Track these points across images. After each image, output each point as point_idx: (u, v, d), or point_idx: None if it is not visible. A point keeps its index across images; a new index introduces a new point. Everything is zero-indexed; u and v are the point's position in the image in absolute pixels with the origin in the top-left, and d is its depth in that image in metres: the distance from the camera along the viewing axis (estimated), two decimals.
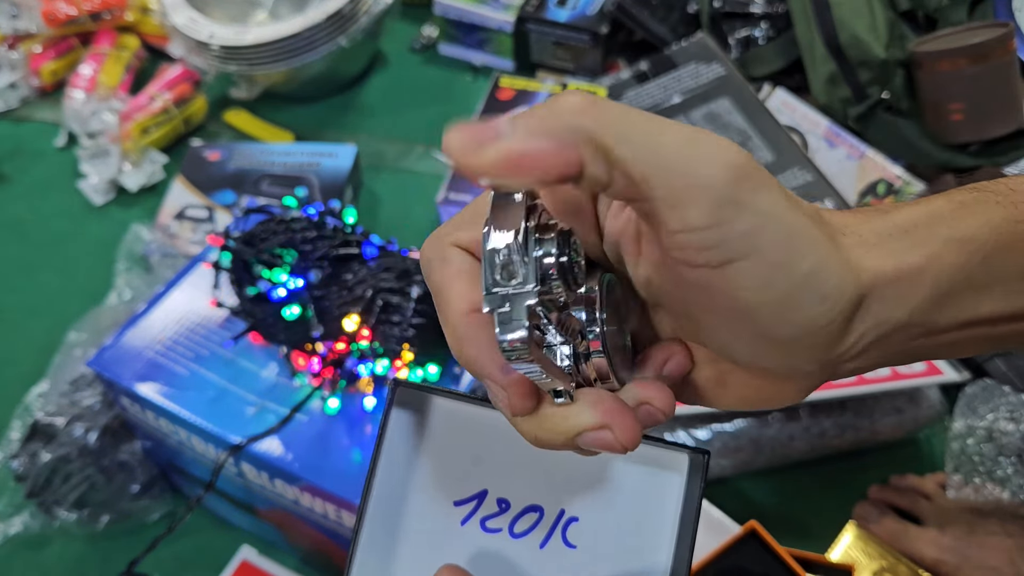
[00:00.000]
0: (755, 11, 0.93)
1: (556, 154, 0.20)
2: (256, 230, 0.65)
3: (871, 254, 0.22)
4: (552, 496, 0.29)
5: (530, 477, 0.29)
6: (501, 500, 0.29)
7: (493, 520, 0.29)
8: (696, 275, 0.21)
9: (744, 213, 0.20)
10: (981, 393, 0.68)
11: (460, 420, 0.30)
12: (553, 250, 0.23)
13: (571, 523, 0.29)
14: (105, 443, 0.67)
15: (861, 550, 0.63)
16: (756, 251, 0.20)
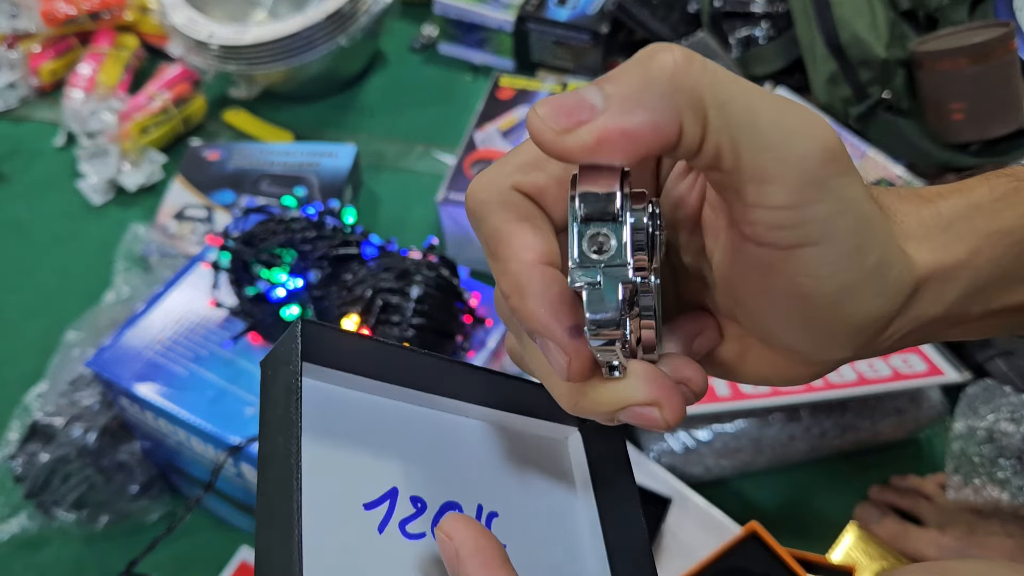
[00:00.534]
0: (756, 10, 0.93)
1: (657, 129, 0.18)
2: (255, 230, 0.64)
3: (921, 248, 0.22)
4: (466, 490, 0.26)
5: (438, 469, 0.26)
6: (415, 499, 0.25)
7: (413, 523, 0.25)
8: (761, 254, 0.20)
9: (828, 197, 0.19)
10: (982, 394, 0.67)
11: (345, 405, 0.25)
12: (647, 221, 0.21)
13: (492, 518, 0.26)
14: (104, 443, 0.67)
15: (862, 551, 0.63)
16: (831, 238, 0.20)
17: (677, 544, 0.61)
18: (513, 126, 0.86)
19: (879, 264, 0.20)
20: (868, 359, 0.66)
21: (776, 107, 0.19)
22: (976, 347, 0.69)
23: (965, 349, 0.70)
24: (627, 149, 0.19)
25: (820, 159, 0.19)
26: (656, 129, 0.18)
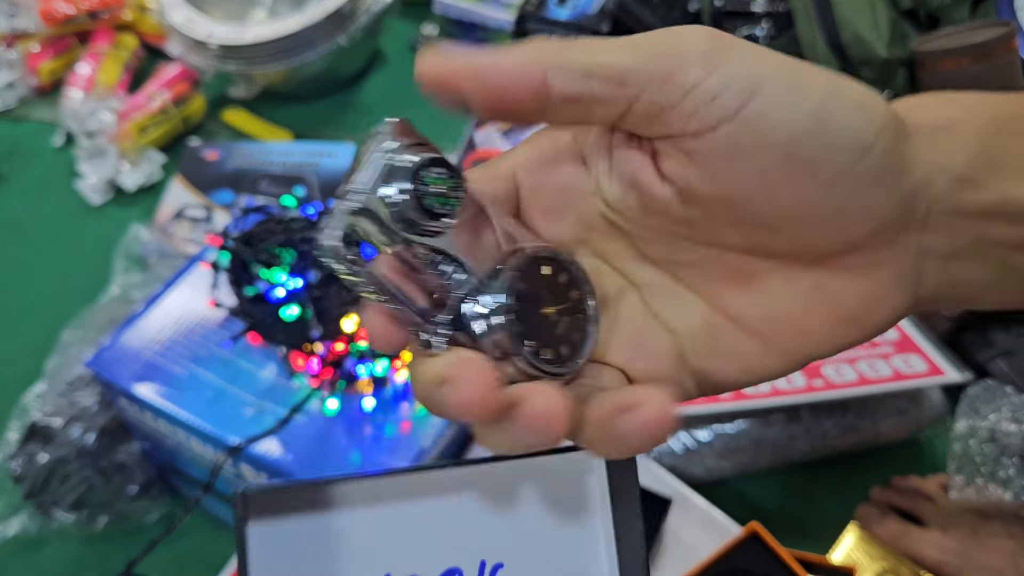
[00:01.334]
0: (756, 10, 0.92)
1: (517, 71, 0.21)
2: (255, 230, 0.64)
3: (913, 112, 0.22)
4: (466, 551, 0.26)
5: (434, 540, 0.26)
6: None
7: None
8: (722, 140, 0.21)
9: (734, 53, 0.21)
10: (983, 394, 0.67)
11: (331, 514, 0.25)
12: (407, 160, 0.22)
13: (497, 571, 0.26)
14: (103, 444, 0.66)
15: (863, 551, 0.63)
16: (764, 82, 0.21)
17: (678, 545, 0.61)
18: (513, 126, 0.86)
19: (833, 90, 0.21)
20: (869, 359, 0.66)
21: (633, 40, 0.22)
22: (977, 347, 0.69)
23: (966, 349, 0.70)
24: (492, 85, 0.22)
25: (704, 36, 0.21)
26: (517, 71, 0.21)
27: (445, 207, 0.22)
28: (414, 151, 0.23)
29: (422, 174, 0.22)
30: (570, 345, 0.23)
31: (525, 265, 0.23)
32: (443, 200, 0.22)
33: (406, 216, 0.22)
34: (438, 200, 0.22)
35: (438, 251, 0.22)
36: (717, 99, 0.21)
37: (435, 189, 0.22)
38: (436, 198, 0.22)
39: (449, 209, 0.22)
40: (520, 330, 0.22)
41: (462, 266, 0.22)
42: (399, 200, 0.22)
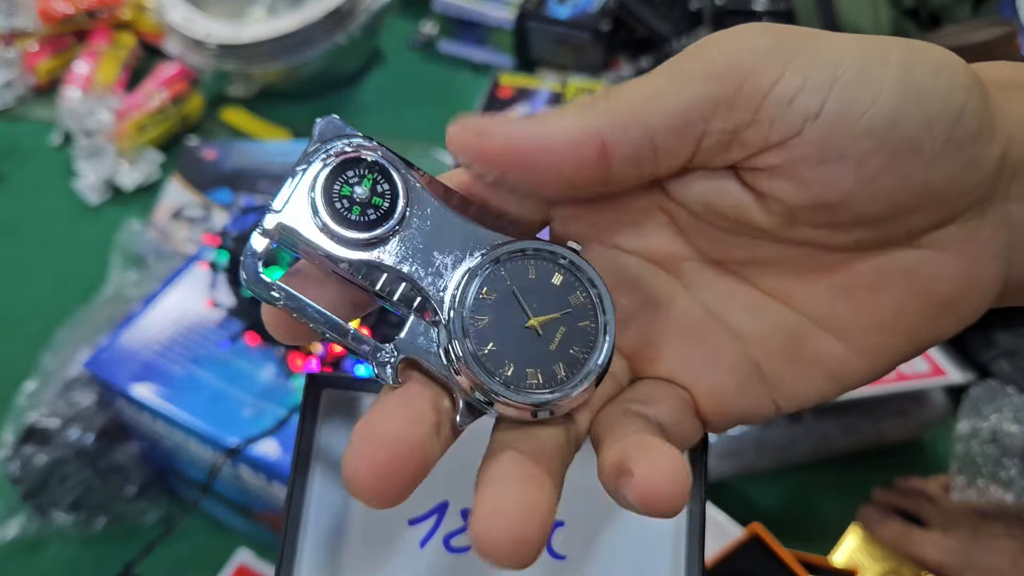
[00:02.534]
0: (757, 8, 0.92)
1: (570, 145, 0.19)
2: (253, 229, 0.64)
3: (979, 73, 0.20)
4: None
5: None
6: (467, 511, 0.24)
7: (459, 537, 0.24)
8: (810, 143, 0.19)
9: (799, 43, 0.19)
10: (985, 394, 0.67)
11: None
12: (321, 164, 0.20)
13: (555, 529, 0.25)
14: (101, 445, 0.66)
15: (865, 553, 0.62)
16: (840, 67, 0.19)
17: None
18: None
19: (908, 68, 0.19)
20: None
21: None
22: (980, 347, 0.69)
23: (969, 349, 0.69)
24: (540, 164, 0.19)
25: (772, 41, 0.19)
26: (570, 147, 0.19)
27: (365, 214, 0.19)
28: (334, 155, 0.20)
29: (337, 180, 0.20)
30: (570, 364, 0.20)
31: (505, 263, 0.20)
32: (364, 206, 0.19)
33: (328, 229, 0.19)
34: (355, 208, 0.19)
35: (376, 266, 0.20)
36: (795, 99, 0.19)
37: (357, 193, 0.20)
38: (355, 204, 0.19)
39: (372, 217, 0.19)
40: (492, 352, 0.19)
41: (413, 283, 0.20)
42: (315, 213, 0.19)
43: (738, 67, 0.19)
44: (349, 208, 0.19)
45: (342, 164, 0.20)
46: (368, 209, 0.19)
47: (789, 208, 0.20)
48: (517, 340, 0.19)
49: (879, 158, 0.19)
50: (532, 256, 0.20)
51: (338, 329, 0.20)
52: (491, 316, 0.19)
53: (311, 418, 0.25)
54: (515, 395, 0.19)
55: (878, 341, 0.21)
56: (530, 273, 0.20)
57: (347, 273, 0.20)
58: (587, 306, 0.20)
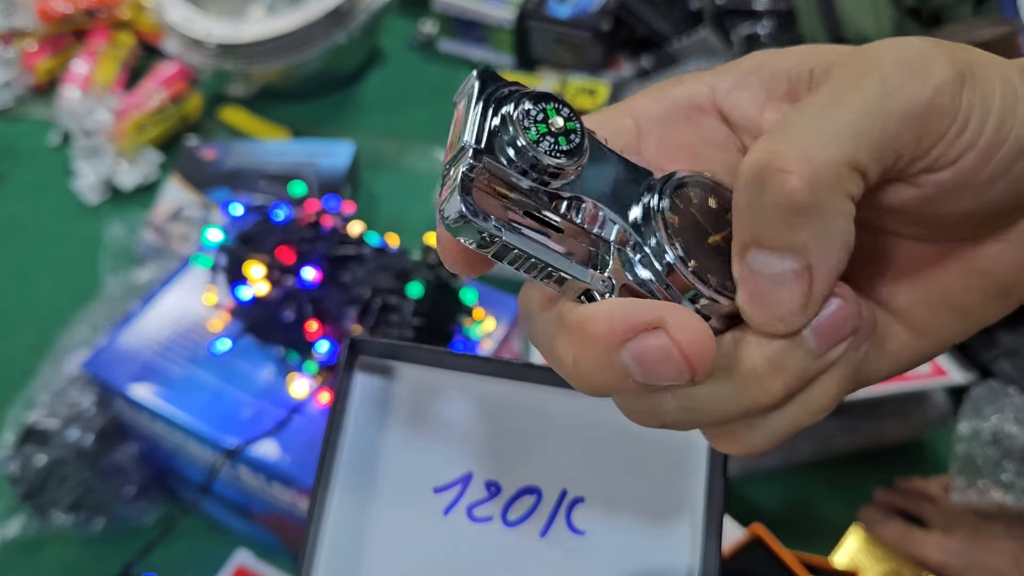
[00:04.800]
0: (758, 7, 0.92)
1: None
2: (253, 229, 0.64)
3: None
4: (551, 475, 0.25)
5: (523, 454, 0.25)
6: (490, 483, 0.25)
7: (482, 507, 0.25)
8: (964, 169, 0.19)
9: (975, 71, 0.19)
10: (987, 395, 0.67)
11: (435, 391, 0.26)
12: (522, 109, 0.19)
13: (576, 505, 0.25)
14: (100, 446, 0.66)
15: (866, 553, 0.62)
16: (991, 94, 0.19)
17: None
18: None
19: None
20: None
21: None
22: (981, 347, 0.69)
23: (970, 350, 0.69)
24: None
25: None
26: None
27: (570, 143, 0.20)
28: (513, 89, 0.20)
29: (532, 110, 0.19)
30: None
31: (676, 191, 0.20)
32: (564, 136, 0.20)
33: (529, 160, 0.19)
34: (559, 137, 0.19)
35: (576, 197, 0.20)
36: (962, 135, 0.19)
37: (553, 124, 0.20)
38: (556, 135, 0.19)
39: (574, 145, 0.20)
40: (696, 269, 0.20)
41: (607, 210, 0.20)
42: (516, 144, 0.19)
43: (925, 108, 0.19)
44: (552, 140, 0.19)
45: (533, 96, 0.20)
46: (565, 138, 0.20)
47: (905, 211, 0.21)
48: (709, 256, 0.20)
49: (1002, 183, 0.20)
50: (692, 183, 0.21)
51: (560, 259, 0.19)
52: (683, 238, 0.20)
53: (347, 373, 0.25)
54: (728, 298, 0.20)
55: (935, 320, 0.22)
56: (695, 198, 0.21)
57: (547, 207, 0.20)
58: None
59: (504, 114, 0.19)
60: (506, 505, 0.25)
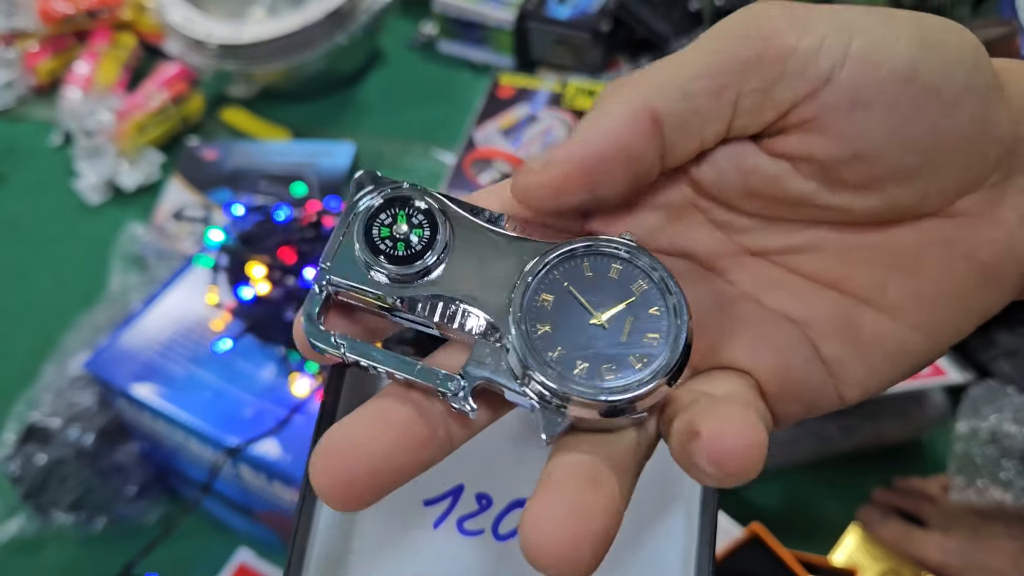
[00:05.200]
0: None
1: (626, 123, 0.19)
2: (254, 230, 0.64)
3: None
4: None
5: (514, 467, 0.25)
6: (481, 496, 0.25)
7: (473, 520, 0.25)
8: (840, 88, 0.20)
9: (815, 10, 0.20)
10: (985, 394, 0.67)
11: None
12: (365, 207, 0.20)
13: None
14: (101, 445, 0.66)
15: (865, 553, 0.62)
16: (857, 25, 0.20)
17: None
18: (513, 124, 0.85)
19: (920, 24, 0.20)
20: None
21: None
22: (979, 347, 0.69)
23: (968, 349, 0.69)
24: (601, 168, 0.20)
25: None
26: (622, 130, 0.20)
27: (412, 246, 0.20)
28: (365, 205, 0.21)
29: (374, 223, 0.20)
30: (645, 353, 0.19)
31: (557, 266, 0.20)
32: (407, 240, 0.20)
33: (376, 270, 0.20)
34: (399, 242, 0.20)
35: (435, 299, 0.20)
36: (821, 50, 0.20)
37: (396, 230, 0.20)
38: (396, 240, 0.20)
39: (420, 247, 0.20)
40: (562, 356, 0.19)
41: (469, 307, 0.20)
42: (361, 260, 0.20)
43: (760, 29, 0.20)
44: (392, 246, 0.20)
45: (378, 208, 0.20)
46: (410, 241, 0.20)
47: (824, 166, 0.21)
48: (584, 339, 0.19)
49: (905, 104, 0.20)
50: (583, 254, 0.20)
51: (405, 366, 0.20)
52: (553, 320, 0.19)
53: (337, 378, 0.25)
54: (589, 392, 0.19)
55: (931, 314, 0.22)
56: (586, 271, 0.20)
57: (405, 311, 0.20)
58: (651, 291, 0.20)
59: (348, 227, 0.20)
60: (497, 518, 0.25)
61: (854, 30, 0.20)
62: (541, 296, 0.19)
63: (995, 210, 0.21)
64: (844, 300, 0.22)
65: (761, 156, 0.21)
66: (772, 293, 0.22)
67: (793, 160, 0.21)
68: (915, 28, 0.20)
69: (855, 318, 0.22)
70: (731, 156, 0.21)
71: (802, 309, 0.22)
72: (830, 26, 0.20)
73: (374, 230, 0.20)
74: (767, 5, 0.21)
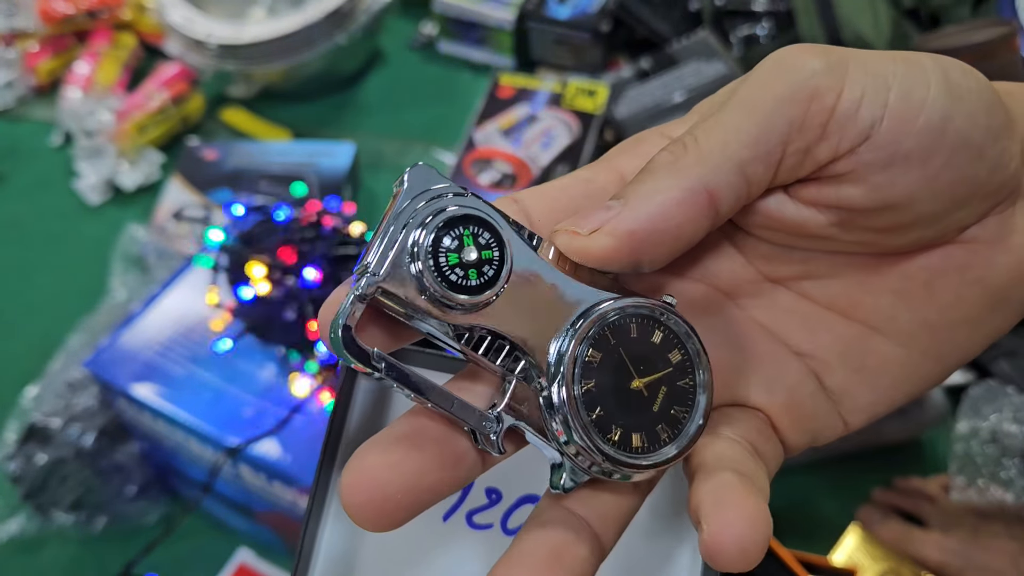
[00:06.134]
0: (757, 9, 0.92)
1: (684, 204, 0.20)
2: (254, 230, 0.64)
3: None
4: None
5: (524, 463, 0.25)
6: (491, 490, 0.25)
7: (482, 514, 0.25)
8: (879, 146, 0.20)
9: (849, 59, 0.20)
10: (985, 394, 0.67)
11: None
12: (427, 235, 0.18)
13: None
14: (102, 445, 0.66)
15: (865, 553, 0.62)
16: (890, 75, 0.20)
17: None
18: (513, 124, 0.85)
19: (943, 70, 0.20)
20: None
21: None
22: None
23: None
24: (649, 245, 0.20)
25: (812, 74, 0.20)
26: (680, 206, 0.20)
27: (481, 276, 0.18)
28: (433, 208, 0.18)
29: (446, 238, 0.18)
30: (671, 424, 0.19)
31: (608, 323, 0.19)
32: (476, 268, 0.18)
33: (433, 295, 0.18)
34: (470, 270, 0.18)
35: (483, 331, 0.19)
36: (860, 109, 0.20)
37: (465, 255, 0.18)
38: (466, 268, 0.18)
39: (486, 278, 0.18)
40: (600, 418, 0.18)
41: (516, 346, 0.19)
42: (420, 276, 0.18)
43: (802, 88, 0.20)
44: (460, 272, 0.18)
45: (446, 223, 0.18)
46: (476, 270, 0.18)
47: (853, 213, 0.21)
48: (622, 403, 0.19)
49: (939, 155, 0.20)
50: (632, 314, 0.20)
51: (442, 397, 0.18)
52: (597, 379, 0.19)
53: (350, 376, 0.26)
54: (620, 458, 0.19)
55: (941, 339, 0.22)
56: (632, 332, 0.20)
57: (449, 337, 0.19)
58: (685, 364, 0.20)
59: (413, 242, 0.18)
60: (506, 513, 0.25)
61: (889, 80, 0.20)
62: (589, 352, 0.19)
63: (1007, 235, 0.22)
64: (854, 328, 0.22)
65: (788, 203, 0.21)
66: (784, 323, 0.23)
67: (821, 208, 0.21)
68: (941, 75, 0.20)
69: (863, 346, 0.22)
70: (762, 203, 0.22)
71: (811, 340, 0.23)
72: (866, 76, 0.20)
73: (441, 257, 0.18)
74: (804, 55, 0.20)
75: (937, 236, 0.22)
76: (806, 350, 0.23)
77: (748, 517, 0.18)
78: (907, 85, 0.20)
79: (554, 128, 0.84)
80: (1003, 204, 0.21)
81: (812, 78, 0.20)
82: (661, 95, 0.89)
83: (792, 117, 0.20)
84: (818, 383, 0.23)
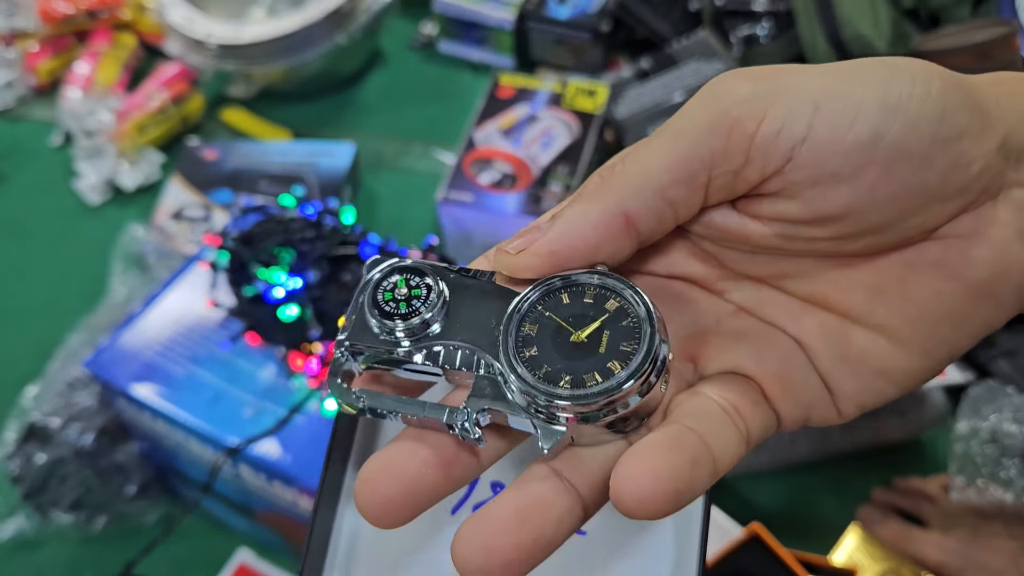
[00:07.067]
0: (757, 9, 0.92)
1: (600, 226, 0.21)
2: (254, 230, 0.64)
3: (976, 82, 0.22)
4: None
5: (529, 457, 0.25)
6: (496, 484, 0.26)
7: None
8: (802, 165, 0.21)
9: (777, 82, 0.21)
10: (985, 394, 0.67)
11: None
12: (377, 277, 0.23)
13: None
14: (101, 445, 0.66)
15: (864, 552, 0.62)
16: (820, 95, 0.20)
17: None
18: (513, 124, 0.85)
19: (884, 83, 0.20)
20: None
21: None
22: (979, 347, 0.69)
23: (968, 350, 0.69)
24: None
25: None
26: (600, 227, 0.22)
27: (409, 304, 0.23)
28: (369, 280, 0.24)
29: (378, 291, 0.23)
30: (624, 358, 0.21)
31: (538, 301, 0.22)
32: (406, 301, 0.23)
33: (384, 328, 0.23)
34: (400, 303, 0.23)
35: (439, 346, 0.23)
36: (781, 132, 0.20)
37: (397, 292, 0.23)
38: (397, 301, 0.23)
39: (418, 304, 0.23)
40: (548, 373, 0.21)
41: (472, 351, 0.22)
42: (371, 323, 0.23)
43: (724, 116, 0.21)
44: (395, 305, 0.23)
45: (378, 281, 0.23)
46: (405, 302, 0.23)
47: (796, 224, 0.22)
48: (568, 356, 0.21)
49: (873, 169, 0.20)
50: (561, 287, 0.22)
51: (415, 407, 0.22)
52: (538, 343, 0.21)
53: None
54: (577, 397, 0.20)
55: (923, 333, 0.22)
56: (563, 300, 0.22)
57: (413, 362, 0.23)
58: (624, 307, 0.22)
59: (362, 301, 0.23)
60: None
61: (817, 99, 0.20)
62: (526, 327, 0.22)
63: (985, 229, 0.22)
64: (834, 319, 0.23)
65: (733, 216, 0.22)
66: (768, 309, 0.24)
67: (764, 220, 0.22)
68: (878, 88, 0.20)
69: (844, 336, 0.23)
70: (708, 216, 0.23)
71: (795, 326, 0.23)
72: (793, 100, 0.20)
73: (379, 295, 0.23)
74: (732, 81, 0.21)
75: (898, 240, 0.22)
76: (792, 333, 0.23)
77: (652, 471, 0.19)
78: (836, 104, 0.20)
79: (554, 128, 0.84)
80: (976, 202, 0.21)
81: (735, 107, 0.21)
82: (661, 95, 0.88)
83: (714, 146, 0.21)
84: (809, 362, 0.23)
